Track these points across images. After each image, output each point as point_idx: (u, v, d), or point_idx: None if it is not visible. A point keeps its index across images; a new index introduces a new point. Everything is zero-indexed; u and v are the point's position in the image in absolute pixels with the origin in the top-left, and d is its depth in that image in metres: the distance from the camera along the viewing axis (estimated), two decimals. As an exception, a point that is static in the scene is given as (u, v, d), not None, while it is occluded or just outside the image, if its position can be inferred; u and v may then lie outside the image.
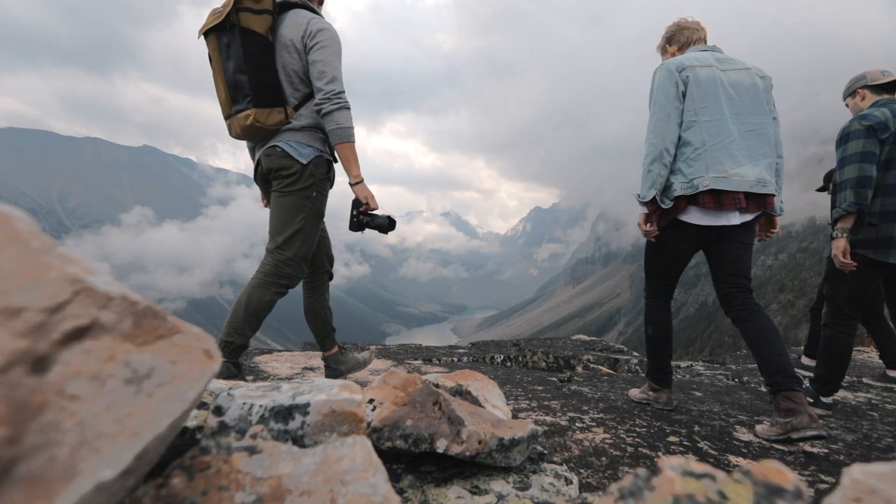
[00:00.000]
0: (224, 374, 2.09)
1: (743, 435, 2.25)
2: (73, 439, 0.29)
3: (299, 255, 2.25)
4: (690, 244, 2.25)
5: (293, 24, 2.15)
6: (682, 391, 3.40)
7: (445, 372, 3.62)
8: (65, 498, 0.27)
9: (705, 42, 2.49)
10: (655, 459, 1.80)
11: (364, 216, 2.29)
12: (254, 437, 0.54)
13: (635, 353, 6.85)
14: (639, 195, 2.24)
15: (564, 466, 1.13)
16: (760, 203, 2.14)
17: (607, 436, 2.02)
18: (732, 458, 1.85)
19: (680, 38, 2.52)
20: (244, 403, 0.83)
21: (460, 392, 1.51)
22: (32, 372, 0.29)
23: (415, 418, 1.15)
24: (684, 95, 2.16)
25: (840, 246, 2.56)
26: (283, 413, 0.83)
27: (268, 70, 2.08)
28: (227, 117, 2.18)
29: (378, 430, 1.08)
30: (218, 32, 2.06)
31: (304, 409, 0.84)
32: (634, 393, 2.79)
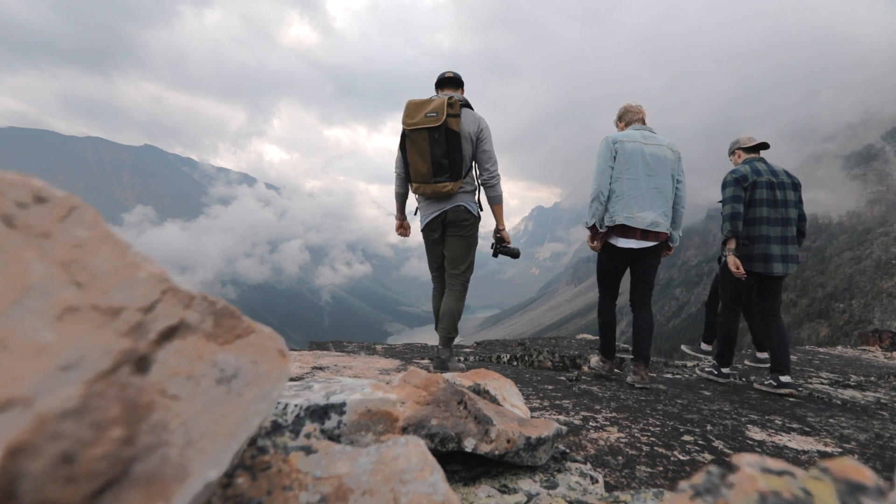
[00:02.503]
0: (439, 365, 3.22)
1: (756, 434, 2.25)
2: (180, 439, 0.29)
3: (470, 273, 3.35)
4: (619, 262, 3.33)
5: (469, 121, 3.08)
6: (691, 390, 3.40)
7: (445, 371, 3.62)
8: (180, 499, 0.27)
9: (643, 121, 3.43)
10: (670, 454, 1.80)
11: (502, 247, 3.40)
12: (308, 436, 0.55)
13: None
14: (586, 222, 3.31)
15: (589, 465, 1.13)
16: (655, 236, 3.17)
17: (622, 435, 2.02)
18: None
19: (626, 117, 3.48)
20: (278, 403, 0.83)
21: (478, 392, 1.51)
22: (137, 372, 0.30)
23: (440, 417, 1.15)
24: (615, 159, 3.18)
25: (731, 261, 3.50)
26: (319, 412, 0.84)
27: (459, 156, 3.04)
28: (423, 182, 3.10)
29: (403, 430, 1.08)
30: (430, 130, 2.95)
31: (339, 408, 0.85)
32: (594, 360, 3.82)
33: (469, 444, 1.00)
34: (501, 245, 3.40)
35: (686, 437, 2.05)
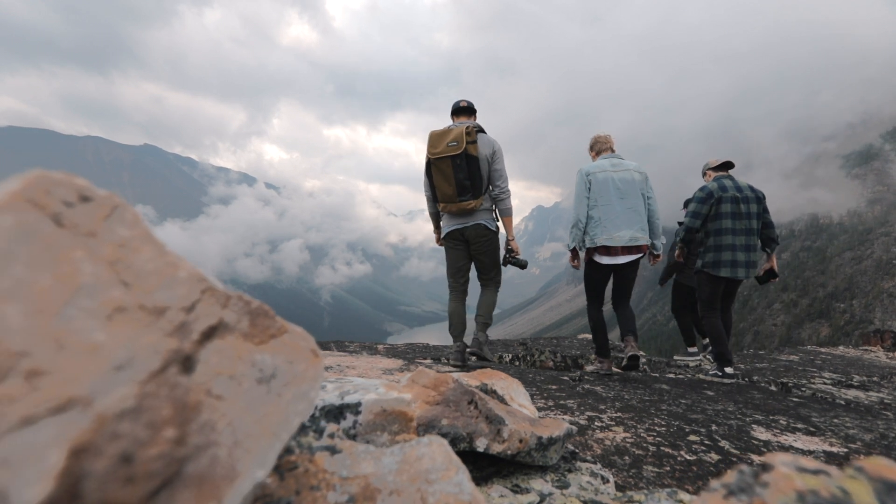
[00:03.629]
0: (477, 347, 3.77)
1: (761, 434, 2.25)
2: (227, 439, 0.29)
3: (500, 276, 3.89)
4: (602, 274, 3.74)
5: (484, 144, 3.49)
6: (694, 390, 3.40)
7: (456, 371, 3.62)
8: (231, 499, 0.27)
9: (612, 150, 3.84)
10: (676, 454, 1.80)
11: (512, 257, 3.76)
12: (331, 436, 0.55)
13: (642, 353, 6.84)
14: (567, 245, 3.75)
15: (599, 465, 1.13)
16: (637, 250, 3.57)
17: (628, 434, 2.03)
18: (756, 458, 1.85)
19: (596, 147, 3.91)
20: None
21: (486, 391, 1.51)
22: (183, 372, 0.30)
23: (450, 417, 1.15)
24: (590, 189, 3.61)
25: (677, 253, 4.59)
26: (335, 412, 0.84)
27: (479, 176, 3.45)
28: (449, 202, 3.53)
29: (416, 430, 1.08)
30: (452, 157, 3.38)
31: (355, 408, 0.85)
32: (590, 368, 4.15)
33: (481, 444, 1.01)
34: (511, 255, 3.79)
35: (692, 437, 2.05)
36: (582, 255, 3.78)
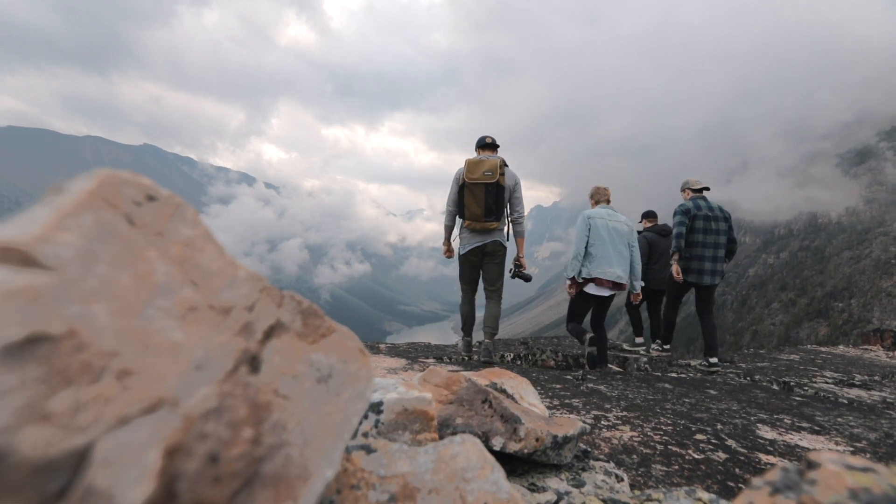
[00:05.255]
0: (486, 355, 4.36)
1: (766, 433, 2.26)
2: (298, 439, 0.30)
3: (503, 287, 4.46)
4: (588, 304, 4.41)
5: (508, 177, 4.18)
6: (697, 389, 3.41)
7: (460, 370, 3.63)
8: (306, 498, 0.28)
9: (608, 201, 4.57)
10: (684, 453, 1.81)
11: (519, 271, 4.45)
12: (365, 435, 0.55)
13: (642, 352, 6.85)
14: (567, 275, 4.37)
15: (612, 464, 1.14)
16: (619, 286, 4.22)
17: (635, 433, 2.03)
18: (763, 457, 1.86)
19: (596, 196, 4.60)
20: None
21: (496, 390, 1.51)
22: (252, 371, 0.30)
23: (465, 416, 1.16)
24: (590, 230, 4.26)
25: (675, 269, 4.85)
26: (355, 411, 0.84)
27: (503, 202, 4.14)
28: (475, 220, 4.14)
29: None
30: (486, 184, 4.04)
31: (377, 407, 0.85)
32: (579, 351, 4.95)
33: (497, 443, 1.01)
34: (519, 269, 4.48)
35: (699, 436, 2.06)
36: (579, 280, 4.40)
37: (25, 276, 0.22)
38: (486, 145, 4.36)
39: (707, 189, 5.01)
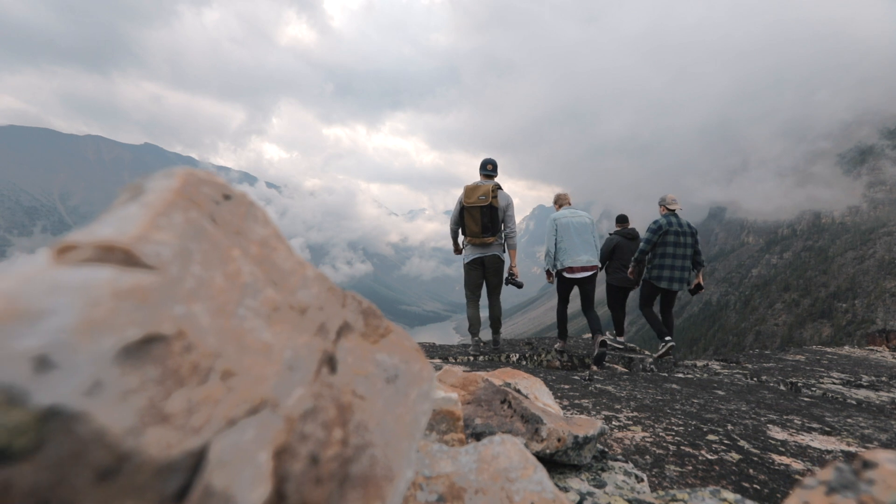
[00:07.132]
0: (496, 348, 5.61)
1: (777, 434, 2.26)
2: (380, 440, 0.30)
3: (501, 291, 5.29)
4: (568, 286, 5.33)
5: (501, 198, 4.92)
6: (705, 390, 3.40)
7: (468, 370, 3.62)
8: (393, 499, 0.28)
9: (570, 203, 5.58)
10: (697, 453, 1.81)
11: (513, 279, 5.09)
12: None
13: (647, 352, 6.85)
14: (544, 267, 5.34)
15: (631, 464, 1.14)
16: (590, 269, 5.13)
17: (646, 434, 2.03)
18: (776, 457, 1.86)
19: (559, 201, 5.58)
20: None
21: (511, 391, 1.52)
22: (331, 372, 0.30)
23: (483, 416, 1.16)
24: (557, 231, 5.20)
25: (630, 271, 6.03)
26: (382, 412, 0.85)
27: (497, 221, 4.93)
28: (474, 236, 4.96)
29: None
30: (481, 207, 4.82)
31: (404, 407, 0.86)
32: (557, 346, 5.83)
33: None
34: (511, 277, 5.21)
35: (711, 437, 2.06)
36: (554, 272, 5.40)
37: (133, 276, 0.22)
38: (485, 172, 5.20)
39: (678, 208, 6.00)
